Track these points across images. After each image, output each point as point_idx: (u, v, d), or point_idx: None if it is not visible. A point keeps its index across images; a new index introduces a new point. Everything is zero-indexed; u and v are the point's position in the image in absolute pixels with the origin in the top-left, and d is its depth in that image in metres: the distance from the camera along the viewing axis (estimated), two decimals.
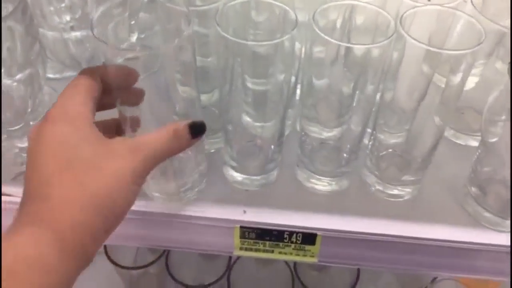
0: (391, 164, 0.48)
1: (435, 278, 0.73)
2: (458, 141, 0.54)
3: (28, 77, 0.41)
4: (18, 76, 0.40)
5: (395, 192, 0.48)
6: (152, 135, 0.34)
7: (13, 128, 0.44)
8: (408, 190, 0.48)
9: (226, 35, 0.37)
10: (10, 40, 0.39)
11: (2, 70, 0.40)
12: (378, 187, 0.48)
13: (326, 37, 0.37)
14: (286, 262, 0.72)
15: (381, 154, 0.48)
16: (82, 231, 0.29)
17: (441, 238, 0.44)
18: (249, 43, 0.38)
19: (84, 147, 0.31)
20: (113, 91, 0.37)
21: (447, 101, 0.42)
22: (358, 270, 0.69)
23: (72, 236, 0.29)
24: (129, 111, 0.39)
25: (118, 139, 0.33)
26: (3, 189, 0.48)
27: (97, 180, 0.30)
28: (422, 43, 0.37)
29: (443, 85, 0.41)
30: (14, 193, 0.47)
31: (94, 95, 0.35)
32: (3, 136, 0.45)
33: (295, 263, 0.71)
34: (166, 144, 0.34)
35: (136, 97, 0.37)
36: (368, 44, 0.38)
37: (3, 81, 0.40)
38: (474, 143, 0.53)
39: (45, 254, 0.28)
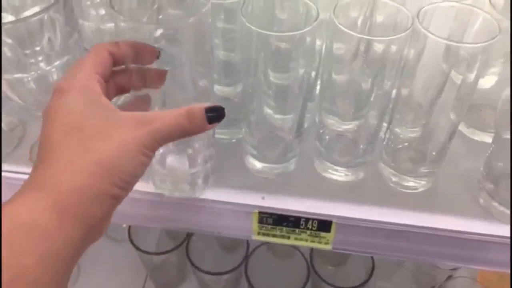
0: (407, 157, 0.49)
1: (450, 276, 0.73)
2: (474, 137, 0.55)
3: (66, 64, 0.44)
4: (57, 63, 0.44)
5: (410, 184, 0.49)
6: (164, 112, 0.34)
7: None
8: (423, 182, 0.49)
9: (250, 25, 0.39)
10: (51, 30, 0.43)
11: (42, 57, 0.44)
12: (393, 178, 0.49)
13: (345, 29, 0.39)
14: (303, 255, 0.74)
15: (397, 147, 0.50)
16: (84, 194, 0.29)
17: (454, 229, 0.46)
18: (271, 33, 0.40)
19: (92, 116, 0.32)
20: (128, 71, 0.38)
21: (462, 98, 0.44)
22: (373, 265, 0.70)
23: (72, 200, 0.28)
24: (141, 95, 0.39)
25: (127, 112, 0.33)
26: None
27: (103, 147, 0.30)
28: (435, 35, 0.38)
29: (459, 82, 0.43)
30: None
31: (99, 70, 0.35)
32: (41, 119, 0.49)
33: (311, 257, 0.73)
34: (177, 123, 0.33)
35: (156, 79, 0.37)
36: (384, 37, 0.40)
37: (43, 67, 0.43)
38: (490, 139, 0.53)
39: (41, 220, 0.27)
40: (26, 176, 0.50)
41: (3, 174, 0.51)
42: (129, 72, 0.38)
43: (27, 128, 0.57)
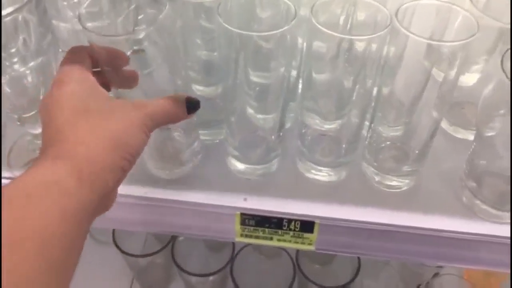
0: (389, 156, 0.49)
1: (436, 273, 0.73)
2: (457, 135, 0.55)
3: (40, 65, 0.43)
4: (31, 64, 0.43)
5: (393, 183, 0.49)
6: (154, 99, 0.37)
7: (26, 115, 0.47)
8: (406, 181, 0.49)
9: (227, 25, 0.38)
10: (25, 30, 0.42)
11: (17, 59, 0.43)
12: (376, 178, 0.49)
13: (322, 28, 0.38)
14: (289, 254, 0.74)
15: (379, 146, 0.49)
16: (99, 164, 0.31)
17: (437, 228, 0.45)
18: (250, 33, 0.39)
19: (94, 100, 0.34)
20: (104, 72, 0.39)
21: (444, 95, 0.43)
22: (359, 263, 0.70)
23: (89, 168, 0.30)
24: (123, 96, 0.41)
25: (122, 99, 0.37)
26: (16, 174, 0.50)
27: (110, 124, 0.33)
28: (413, 33, 0.38)
29: (440, 79, 0.42)
30: None
31: (86, 67, 0.37)
32: (17, 123, 0.48)
33: (297, 256, 0.72)
34: (166, 108, 0.37)
35: (129, 80, 0.39)
36: (360, 36, 0.39)
37: (17, 69, 0.42)
38: (473, 137, 0.53)
39: (63, 181, 0.29)
40: (4, 181, 0.50)
41: None
42: (104, 74, 0.39)
43: (5, 132, 0.55)
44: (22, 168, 0.51)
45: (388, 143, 0.49)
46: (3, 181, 0.49)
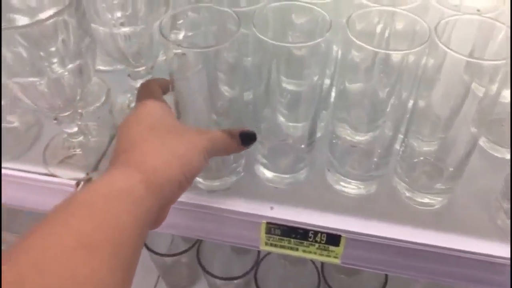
0: (423, 172, 0.48)
1: None
2: (495, 153, 0.53)
3: (78, 68, 0.44)
4: (69, 66, 0.43)
5: (426, 200, 0.47)
6: (212, 130, 0.41)
7: (62, 115, 0.48)
8: (439, 199, 0.47)
9: (261, 36, 0.38)
10: (65, 32, 0.43)
11: (56, 60, 0.44)
12: (407, 194, 0.48)
13: (357, 41, 0.38)
14: (314, 263, 0.73)
15: (412, 161, 0.48)
16: (164, 177, 0.34)
17: (469, 250, 0.44)
18: (284, 44, 0.39)
19: (166, 120, 0.39)
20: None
21: (483, 111, 0.42)
22: (386, 277, 0.69)
23: (156, 179, 0.33)
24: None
25: (187, 125, 0.42)
26: (51, 171, 0.52)
27: (177, 142, 0.37)
28: (452, 50, 0.37)
29: (480, 94, 0.41)
30: (60, 175, 0.51)
31: (160, 94, 0.43)
32: (54, 121, 0.49)
33: (322, 265, 0.71)
34: (223, 140, 0.40)
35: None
36: (399, 51, 0.38)
37: (56, 69, 0.43)
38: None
39: (135, 189, 0.32)
40: (40, 176, 0.51)
41: (16, 173, 0.52)
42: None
43: (42, 129, 0.57)
44: (57, 164, 0.52)
45: (421, 158, 0.48)
46: (17, 173, 0.51)
